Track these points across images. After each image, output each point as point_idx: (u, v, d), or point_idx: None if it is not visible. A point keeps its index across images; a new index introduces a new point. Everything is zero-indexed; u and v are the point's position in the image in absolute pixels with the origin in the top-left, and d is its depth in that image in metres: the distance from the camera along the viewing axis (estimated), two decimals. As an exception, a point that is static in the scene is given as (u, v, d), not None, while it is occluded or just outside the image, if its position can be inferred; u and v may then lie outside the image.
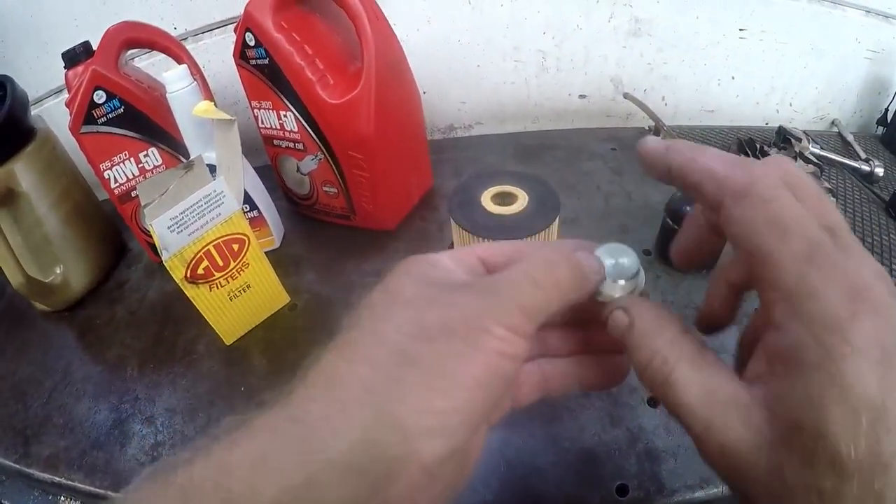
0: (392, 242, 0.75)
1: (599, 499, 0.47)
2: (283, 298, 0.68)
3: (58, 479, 0.58)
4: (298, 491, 0.21)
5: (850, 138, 0.93)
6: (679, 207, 0.63)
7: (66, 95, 0.89)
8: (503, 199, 0.49)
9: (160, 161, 0.73)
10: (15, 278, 0.67)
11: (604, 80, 0.92)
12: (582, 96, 0.94)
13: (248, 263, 0.61)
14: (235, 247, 0.59)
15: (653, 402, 0.53)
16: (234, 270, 0.61)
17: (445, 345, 0.23)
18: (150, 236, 0.75)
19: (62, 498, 0.62)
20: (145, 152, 0.71)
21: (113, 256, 0.82)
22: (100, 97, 0.66)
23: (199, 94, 0.64)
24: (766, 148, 0.85)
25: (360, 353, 0.25)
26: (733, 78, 0.93)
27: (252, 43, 0.63)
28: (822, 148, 0.88)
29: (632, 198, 0.77)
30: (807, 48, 0.92)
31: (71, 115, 0.66)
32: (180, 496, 0.21)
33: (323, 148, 0.68)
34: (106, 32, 0.67)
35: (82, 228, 0.76)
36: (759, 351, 0.23)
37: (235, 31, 0.65)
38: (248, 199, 0.70)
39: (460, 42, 0.87)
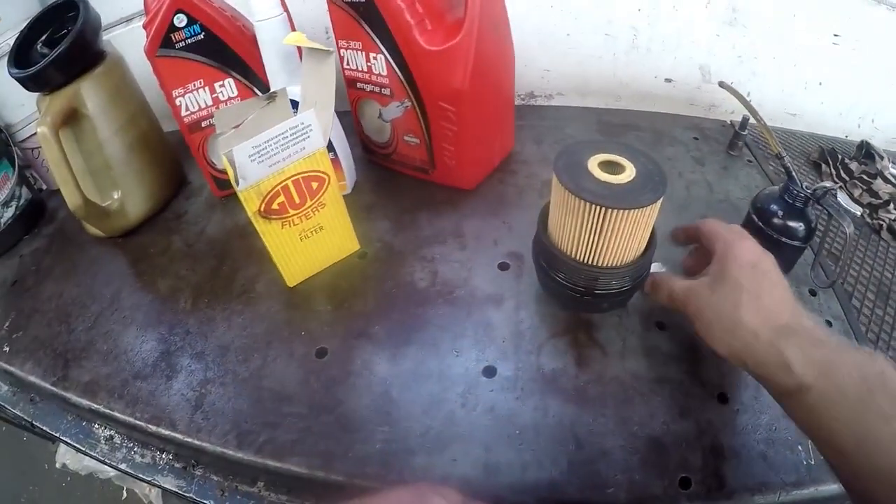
0: (469, 201, 0.72)
1: (662, 489, 0.46)
2: (354, 245, 0.66)
3: (95, 405, 0.56)
4: None
5: (927, 166, 0.89)
6: (767, 205, 0.60)
7: (138, 23, 0.88)
8: (610, 168, 0.47)
9: (236, 93, 0.70)
10: (72, 199, 0.66)
11: (692, 66, 0.88)
12: (668, 80, 0.90)
13: (324, 204, 0.59)
14: (314, 185, 0.57)
15: (723, 398, 0.51)
16: (309, 210, 0.58)
17: None
18: (216, 168, 0.73)
19: (96, 425, 0.60)
20: (221, 82, 0.69)
21: (173, 188, 0.81)
22: (180, 21, 0.63)
23: (287, 25, 0.62)
24: (846, 160, 0.81)
25: None
26: (821, 84, 0.89)
27: (350, -23, 0.61)
28: (901, 170, 0.85)
29: (713, 190, 0.74)
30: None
31: (148, 37, 0.63)
32: None
33: (412, 95, 0.66)
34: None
35: (144, 157, 0.75)
36: (709, 266, 0.48)
37: (331, -36, 0.63)
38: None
39: (552, 7, 0.83)
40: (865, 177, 0.79)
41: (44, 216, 0.82)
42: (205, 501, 0.55)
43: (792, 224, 0.57)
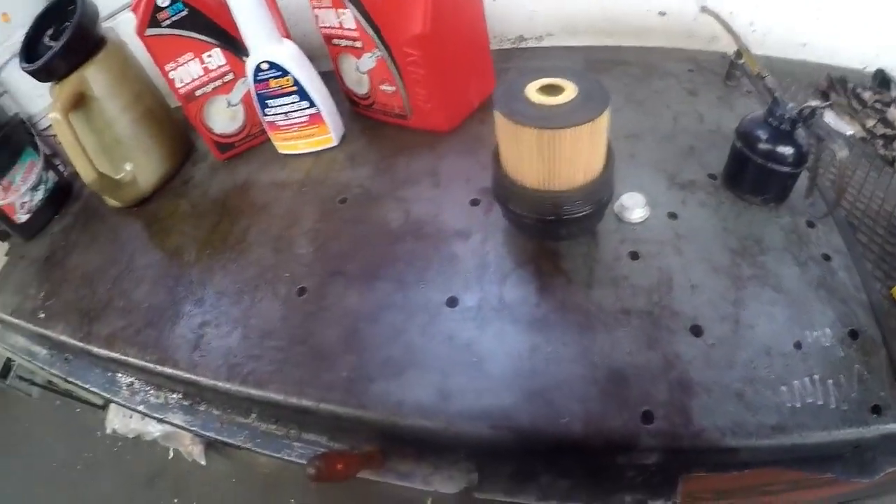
0: (446, 143, 0.74)
1: (622, 422, 0.45)
2: None
3: (114, 354, 0.62)
4: None
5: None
6: (751, 130, 0.58)
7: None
8: (549, 91, 0.47)
9: (224, 61, 0.74)
10: (87, 174, 0.71)
11: None
12: (662, 13, 0.86)
13: None
14: None
15: (697, 331, 0.49)
16: None
17: None
18: (214, 133, 0.78)
19: (119, 374, 0.67)
20: (209, 53, 0.73)
21: (181, 156, 0.86)
22: (163, 0, 0.68)
23: None
24: (858, 90, 0.76)
25: None
26: (835, 11, 0.82)
27: (316, -68, 0.63)
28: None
29: (703, 120, 0.71)
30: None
31: (137, 19, 0.68)
32: None
33: (380, 45, 0.67)
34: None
35: (151, 130, 0.80)
36: None
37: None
38: (306, 97, 0.71)
39: None
40: (879, 105, 0.74)
41: (70, 197, 0.89)
42: (207, 433, 0.60)
43: (780, 149, 0.55)
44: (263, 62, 0.68)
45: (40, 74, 0.71)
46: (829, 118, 0.53)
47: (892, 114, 0.72)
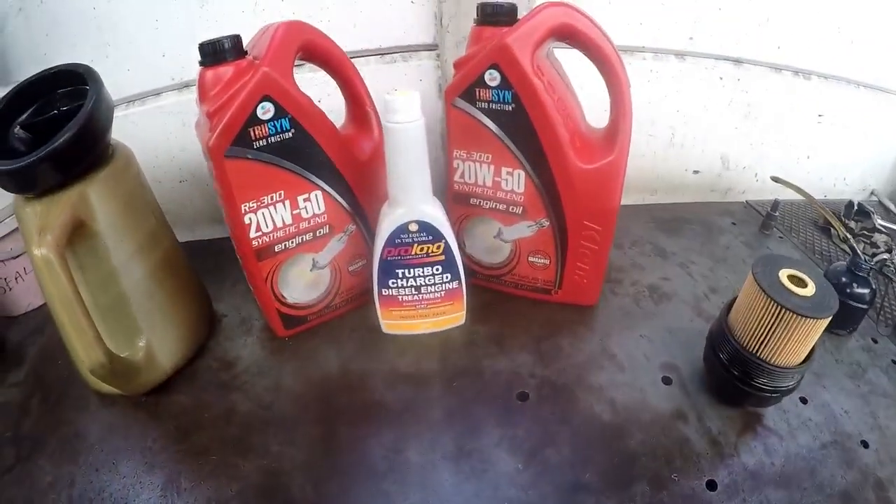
0: (598, 319, 0.66)
1: None
2: None
3: None
4: None
5: (891, 206, 1.01)
6: (838, 279, 0.67)
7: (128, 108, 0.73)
8: (796, 281, 0.50)
9: (323, 209, 0.57)
10: (92, 356, 0.47)
11: (715, 156, 0.95)
12: (696, 172, 0.96)
13: None
14: None
15: (865, 444, 0.54)
16: None
17: None
18: (284, 303, 0.59)
19: None
20: (307, 195, 0.55)
21: (207, 324, 0.63)
22: (265, 111, 0.49)
23: (424, 135, 0.51)
24: (846, 221, 0.90)
25: None
26: (808, 157, 1.01)
27: (494, 83, 0.52)
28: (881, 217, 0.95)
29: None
30: (863, 130, 1.02)
31: (214, 130, 0.48)
32: None
33: (554, 214, 0.58)
34: (280, 28, 0.51)
35: (171, 285, 0.58)
36: None
37: (455, 65, 0.55)
38: (453, 268, 0.57)
39: (606, 111, 0.83)
40: (866, 232, 0.90)
41: (4, 355, 0.61)
42: None
43: (860, 291, 0.66)
44: (413, 222, 0.54)
45: (15, 181, 0.46)
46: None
47: (877, 238, 0.88)
